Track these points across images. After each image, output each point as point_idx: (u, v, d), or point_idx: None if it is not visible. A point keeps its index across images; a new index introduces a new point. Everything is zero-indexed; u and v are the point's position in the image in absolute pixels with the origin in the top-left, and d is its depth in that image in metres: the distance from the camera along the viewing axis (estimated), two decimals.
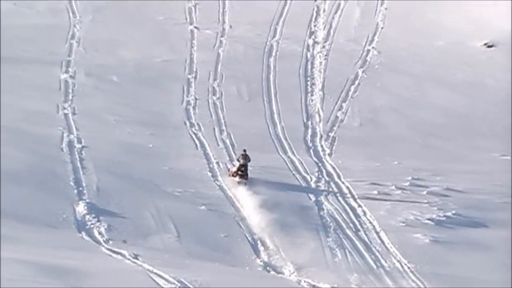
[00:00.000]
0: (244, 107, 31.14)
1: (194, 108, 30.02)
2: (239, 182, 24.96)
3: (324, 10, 41.24)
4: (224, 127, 28.67)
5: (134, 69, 32.07)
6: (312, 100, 31.89)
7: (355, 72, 34.16)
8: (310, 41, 37.03)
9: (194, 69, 32.81)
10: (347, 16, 40.63)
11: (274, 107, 31.05)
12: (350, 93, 32.60)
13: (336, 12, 41.01)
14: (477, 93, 34.08)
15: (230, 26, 38.01)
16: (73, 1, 38.44)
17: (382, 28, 39.52)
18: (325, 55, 35.54)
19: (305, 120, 30.51)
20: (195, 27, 37.28)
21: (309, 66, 34.31)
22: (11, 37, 32.10)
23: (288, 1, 42.37)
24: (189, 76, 32.19)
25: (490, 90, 34.35)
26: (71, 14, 36.77)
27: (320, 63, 34.66)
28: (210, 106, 30.31)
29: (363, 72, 34.16)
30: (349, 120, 30.88)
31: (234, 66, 33.62)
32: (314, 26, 39.06)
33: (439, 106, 32.66)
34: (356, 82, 33.27)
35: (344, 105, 31.76)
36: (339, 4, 42.28)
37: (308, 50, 36.04)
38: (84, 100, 28.81)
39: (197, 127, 28.55)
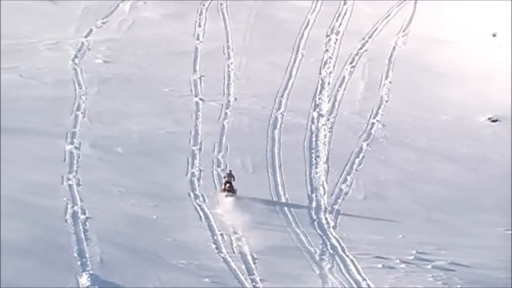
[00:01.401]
0: (249, 179, 31.10)
1: (198, 179, 30.03)
2: (226, 196, 28.80)
3: (328, 83, 41.55)
4: None
5: (139, 140, 32.16)
6: (316, 173, 31.89)
7: (359, 145, 34.26)
8: (315, 114, 37.23)
9: (199, 141, 32.91)
10: (351, 90, 40.94)
11: (278, 179, 31.04)
12: (355, 166, 32.62)
13: (340, 85, 41.34)
14: (481, 168, 34.06)
15: (235, 99, 38.25)
16: (79, 73, 38.80)
17: (386, 101, 39.77)
18: (330, 128, 35.68)
19: (309, 193, 30.46)
20: (200, 99, 37.52)
21: (313, 139, 34.42)
22: (17, 109, 32.28)
23: (293, 74, 42.73)
24: (194, 148, 32.29)
25: (494, 164, 34.34)
26: (77, 86, 37.04)
27: (325, 135, 34.77)
28: (215, 178, 30.31)
29: (367, 145, 34.26)
30: (353, 193, 30.83)
31: (239, 138, 33.73)
32: (319, 99, 39.31)
33: (444, 180, 32.63)
34: (361, 155, 33.33)
35: (348, 178, 31.74)
36: (344, 78, 42.66)
37: (312, 122, 36.21)
38: (89, 171, 28.81)
39: (201, 199, 28.53)
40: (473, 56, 48.29)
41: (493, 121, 38.38)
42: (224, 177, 29.82)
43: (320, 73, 43.38)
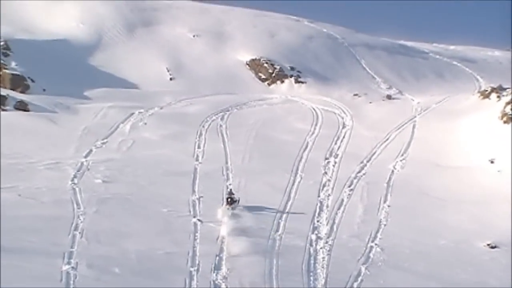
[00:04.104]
0: None
1: None
2: (228, 208, 38.41)
3: (327, 206, 41.64)
4: None
5: (136, 261, 31.89)
6: None
7: (358, 268, 33.99)
8: (313, 236, 37.12)
9: (197, 262, 32.63)
10: (350, 212, 40.99)
11: None
12: None
13: (339, 208, 41.42)
14: None
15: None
16: (78, 193, 38.88)
17: (385, 225, 39.77)
18: (328, 251, 35.48)
19: None
20: (199, 220, 37.46)
21: (311, 261, 34.16)
22: (15, 228, 32.15)
23: (292, 196, 42.87)
24: (192, 269, 31.97)
25: None
26: (75, 205, 37.03)
27: (323, 258, 34.53)
28: None
29: (366, 268, 34.00)
30: None
31: (237, 260, 33.40)
32: (317, 221, 39.30)
33: None
34: (359, 279, 33.01)
35: None
36: (342, 200, 42.79)
37: (311, 245, 36.05)
38: None
39: None
40: (471, 182, 48.67)
41: (492, 247, 38.25)
42: (227, 193, 39.88)
43: (318, 196, 43.52)
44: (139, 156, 48.31)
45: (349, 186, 45.78)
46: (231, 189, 40.55)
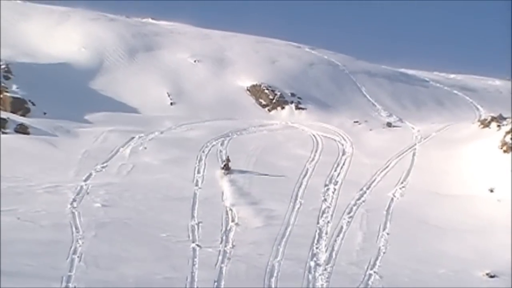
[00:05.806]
0: None
1: None
2: (224, 172, 50.72)
3: (326, 233, 41.56)
4: None
5: (134, 285, 31.79)
6: None
7: None
8: (312, 263, 37.02)
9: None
10: (349, 240, 40.90)
11: None
12: None
13: (338, 235, 41.34)
14: None
15: (233, 245, 38.11)
16: (77, 217, 38.83)
17: (384, 253, 39.66)
18: (327, 278, 35.37)
19: None
20: (197, 245, 37.37)
21: None
22: (13, 251, 32.07)
23: (291, 222, 42.81)
24: None
25: None
26: (74, 229, 36.96)
27: (322, 285, 34.44)
28: None
29: None
30: None
31: (236, 286, 33.36)
32: (316, 248, 39.21)
33: None
34: None
35: None
36: (342, 227, 42.72)
37: (309, 272, 35.95)
38: None
39: None
40: (471, 211, 48.64)
41: (491, 276, 38.10)
42: (224, 161, 52.04)
43: (318, 222, 43.46)
44: (139, 181, 48.29)
45: (349, 213, 45.72)
46: (228, 156, 51.80)
